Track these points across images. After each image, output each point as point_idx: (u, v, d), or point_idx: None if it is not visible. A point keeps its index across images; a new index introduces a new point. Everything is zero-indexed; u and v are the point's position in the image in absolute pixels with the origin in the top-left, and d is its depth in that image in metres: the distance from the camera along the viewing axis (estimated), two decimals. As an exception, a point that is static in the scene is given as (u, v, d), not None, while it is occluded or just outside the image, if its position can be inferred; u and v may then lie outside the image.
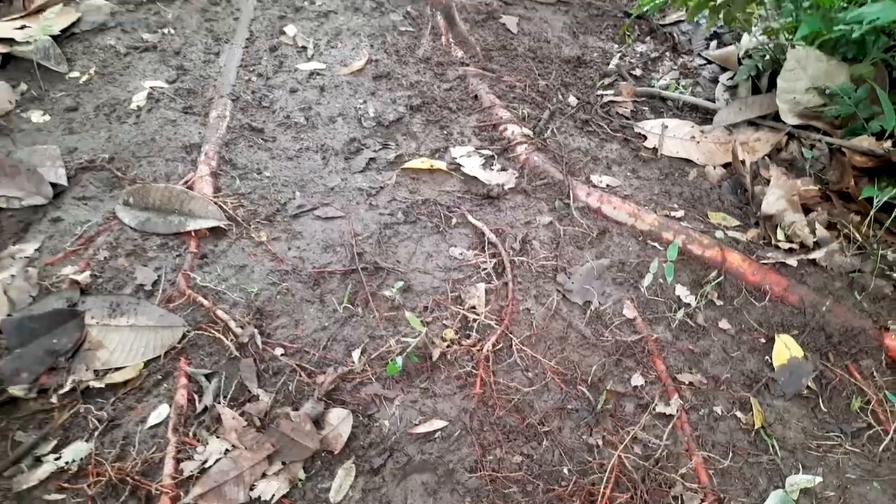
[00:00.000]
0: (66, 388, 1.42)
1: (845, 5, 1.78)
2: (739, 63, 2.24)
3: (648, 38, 2.49)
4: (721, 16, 1.76)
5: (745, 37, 2.23)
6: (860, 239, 1.71)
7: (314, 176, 1.99)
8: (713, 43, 2.43)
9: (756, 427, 1.45)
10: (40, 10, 2.36)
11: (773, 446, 1.42)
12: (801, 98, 1.84)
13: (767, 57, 1.99)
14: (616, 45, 2.47)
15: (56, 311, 1.52)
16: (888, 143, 1.70)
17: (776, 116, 1.94)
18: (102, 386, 1.43)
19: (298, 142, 2.10)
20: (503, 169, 2.03)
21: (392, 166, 2.04)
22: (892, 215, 1.72)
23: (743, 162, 1.87)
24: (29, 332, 1.48)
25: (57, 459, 1.31)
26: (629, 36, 2.47)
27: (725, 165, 1.98)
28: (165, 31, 2.43)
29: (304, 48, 2.42)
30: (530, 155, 2.03)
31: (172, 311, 1.58)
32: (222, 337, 1.54)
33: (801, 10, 1.78)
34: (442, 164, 2.04)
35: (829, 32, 1.74)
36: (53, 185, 1.85)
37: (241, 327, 1.55)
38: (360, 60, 2.36)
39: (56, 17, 2.29)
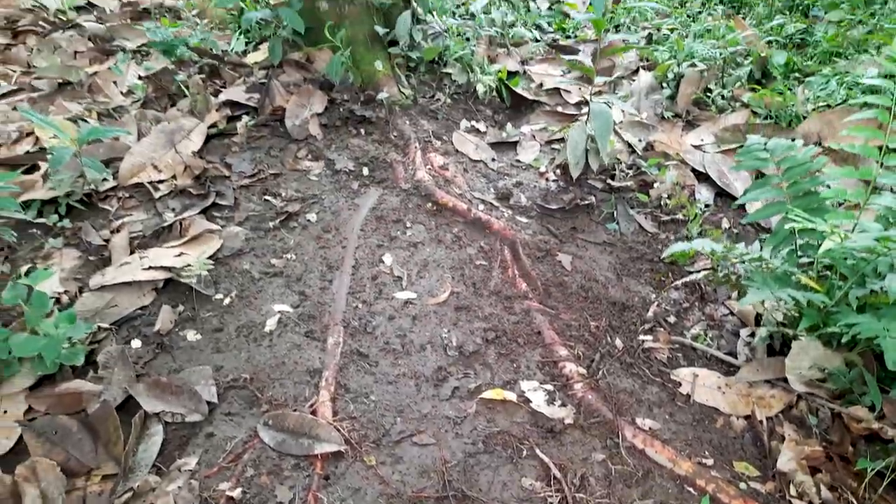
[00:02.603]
0: None
1: (835, 303, 2.29)
2: (757, 320, 2.74)
3: (681, 283, 3.03)
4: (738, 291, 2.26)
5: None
6: (856, 502, 2.11)
7: (410, 401, 2.46)
8: (735, 293, 2.95)
9: None
10: (194, 238, 2.99)
11: None
12: (805, 373, 2.31)
13: (778, 329, 2.49)
14: (653, 292, 3.00)
15: (222, 529, 1.95)
16: (876, 424, 2.14)
17: (787, 378, 2.40)
18: None
19: (396, 367, 2.59)
20: (563, 405, 2.49)
21: (472, 395, 2.51)
22: (885, 482, 2.12)
23: (761, 421, 2.32)
24: (202, 547, 1.91)
25: None
26: (663, 285, 3.01)
27: (747, 417, 2.42)
28: (288, 256, 3.03)
29: (400, 278, 2.99)
30: (585, 394, 2.49)
31: (306, 530, 2.01)
32: (347, 557, 1.95)
33: (801, 306, 2.30)
34: (513, 397, 2.50)
35: (827, 327, 2.24)
36: (207, 402, 2.35)
37: (362, 550, 1.96)
38: (444, 293, 2.92)
39: (208, 249, 2.91)
